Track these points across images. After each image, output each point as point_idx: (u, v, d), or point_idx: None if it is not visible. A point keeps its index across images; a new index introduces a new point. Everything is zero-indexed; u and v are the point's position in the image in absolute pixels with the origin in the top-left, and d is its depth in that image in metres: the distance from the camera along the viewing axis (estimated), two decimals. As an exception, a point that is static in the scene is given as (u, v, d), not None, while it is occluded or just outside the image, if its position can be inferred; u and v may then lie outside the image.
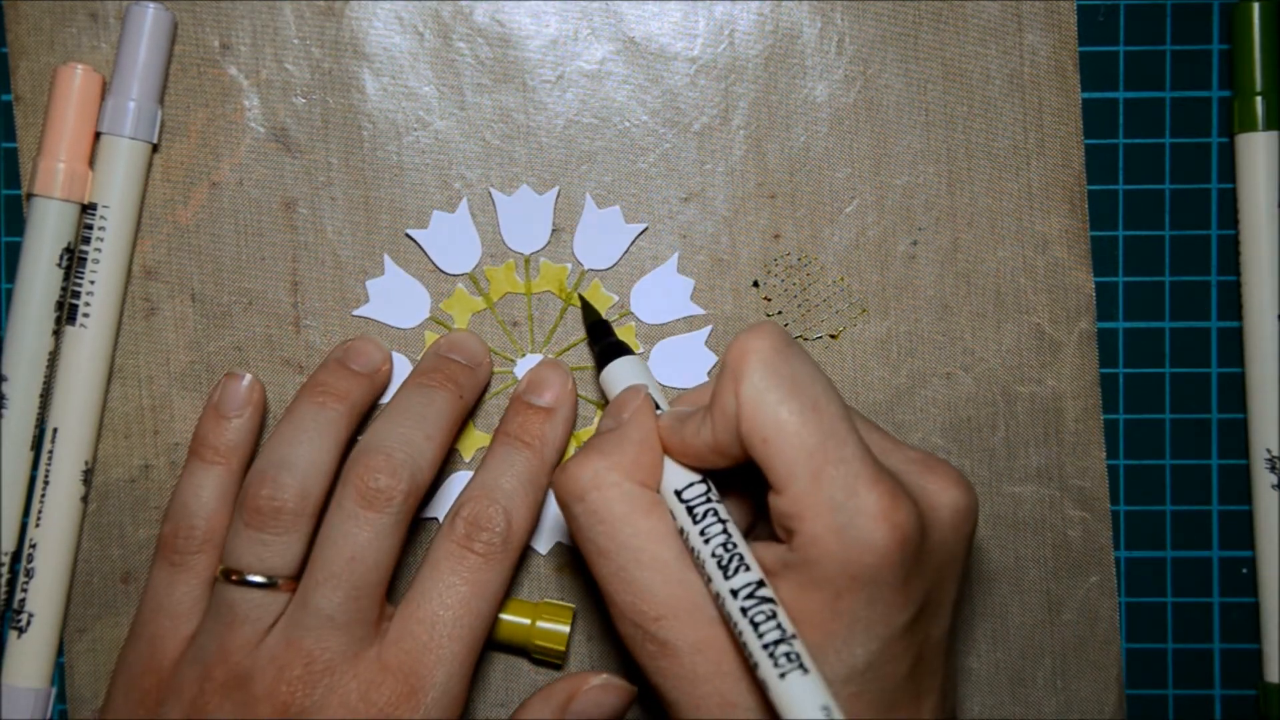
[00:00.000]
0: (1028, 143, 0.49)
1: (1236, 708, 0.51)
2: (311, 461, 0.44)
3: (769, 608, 0.37)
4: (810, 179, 0.49)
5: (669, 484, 0.41)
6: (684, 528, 0.40)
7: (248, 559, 0.44)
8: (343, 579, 0.43)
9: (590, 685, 0.46)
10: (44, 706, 0.49)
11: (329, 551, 0.43)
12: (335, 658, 0.43)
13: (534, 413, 0.47)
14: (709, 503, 0.40)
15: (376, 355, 0.48)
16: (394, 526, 0.44)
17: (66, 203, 0.48)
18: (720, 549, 0.39)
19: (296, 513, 0.44)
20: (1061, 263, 0.49)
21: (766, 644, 0.37)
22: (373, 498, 0.43)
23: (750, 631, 0.37)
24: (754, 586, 0.38)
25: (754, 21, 0.49)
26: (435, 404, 0.46)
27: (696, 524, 0.39)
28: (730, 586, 0.38)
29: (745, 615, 0.37)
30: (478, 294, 0.50)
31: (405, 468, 0.44)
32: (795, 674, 0.36)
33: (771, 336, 0.39)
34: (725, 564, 0.38)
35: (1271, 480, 0.49)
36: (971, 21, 0.49)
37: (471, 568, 0.44)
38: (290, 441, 0.45)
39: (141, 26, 0.48)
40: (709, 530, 0.39)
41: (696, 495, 0.40)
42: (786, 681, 0.36)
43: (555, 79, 0.49)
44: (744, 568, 0.38)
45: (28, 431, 0.48)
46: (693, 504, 0.40)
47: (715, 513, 0.40)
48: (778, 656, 0.36)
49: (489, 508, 0.44)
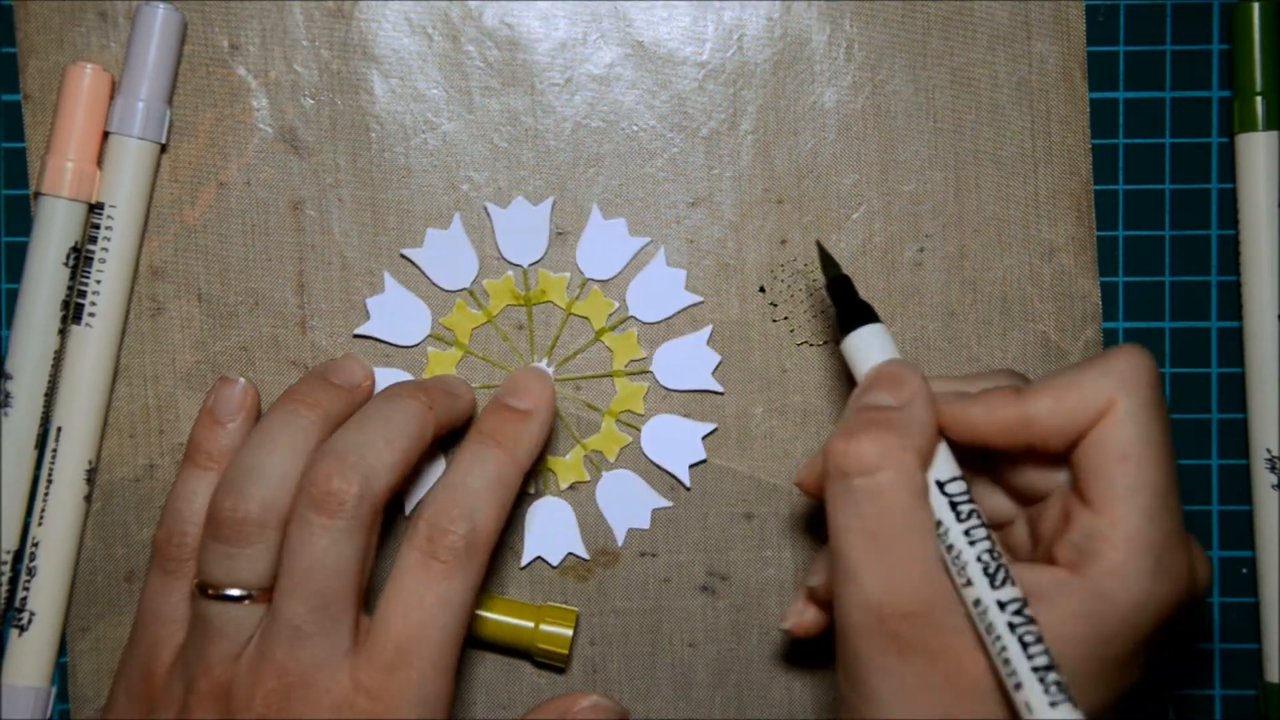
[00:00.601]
0: (1035, 150, 0.50)
1: (1236, 708, 0.51)
2: (277, 472, 0.43)
3: (1036, 629, 0.36)
4: (817, 185, 0.50)
5: (933, 474, 0.39)
6: (943, 522, 0.38)
7: (217, 573, 0.43)
8: (307, 588, 0.41)
9: (580, 706, 0.45)
10: (44, 706, 0.49)
11: (289, 561, 0.42)
12: (308, 669, 0.42)
13: (510, 414, 0.45)
14: (972, 503, 0.38)
15: (358, 371, 0.47)
16: (350, 530, 0.42)
17: (74, 202, 0.47)
18: (986, 555, 0.37)
19: (260, 524, 0.43)
20: (1068, 270, 0.50)
21: (1036, 668, 0.35)
22: (323, 501, 0.42)
23: (1018, 650, 0.35)
24: (1021, 604, 0.36)
25: (763, 26, 0.49)
26: (400, 411, 0.44)
27: (961, 522, 0.38)
28: (998, 598, 0.36)
29: (1013, 631, 0.36)
30: (477, 308, 0.50)
31: (356, 470, 0.42)
32: (1067, 707, 0.35)
33: (1155, 364, 0.38)
34: (992, 572, 0.37)
35: (1271, 480, 0.49)
36: (980, 28, 0.49)
37: (436, 577, 0.42)
38: (256, 450, 0.44)
39: (151, 26, 0.48)
40: (974, 533, 0.38)
41: (959, 491, 0.39)
42: (1057, 711, 0.35)
43: (563, 82, 0.49)
44: (1010, 581, 0.37)
45: (32, 430, 0.48)
46: (956, 500, 0.38)
47: (978, 514, 0.38)
48: (1049, 684, 0.35)
49: (451, 509, 0.42)
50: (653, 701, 0.50)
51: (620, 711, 0.45)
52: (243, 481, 0.43)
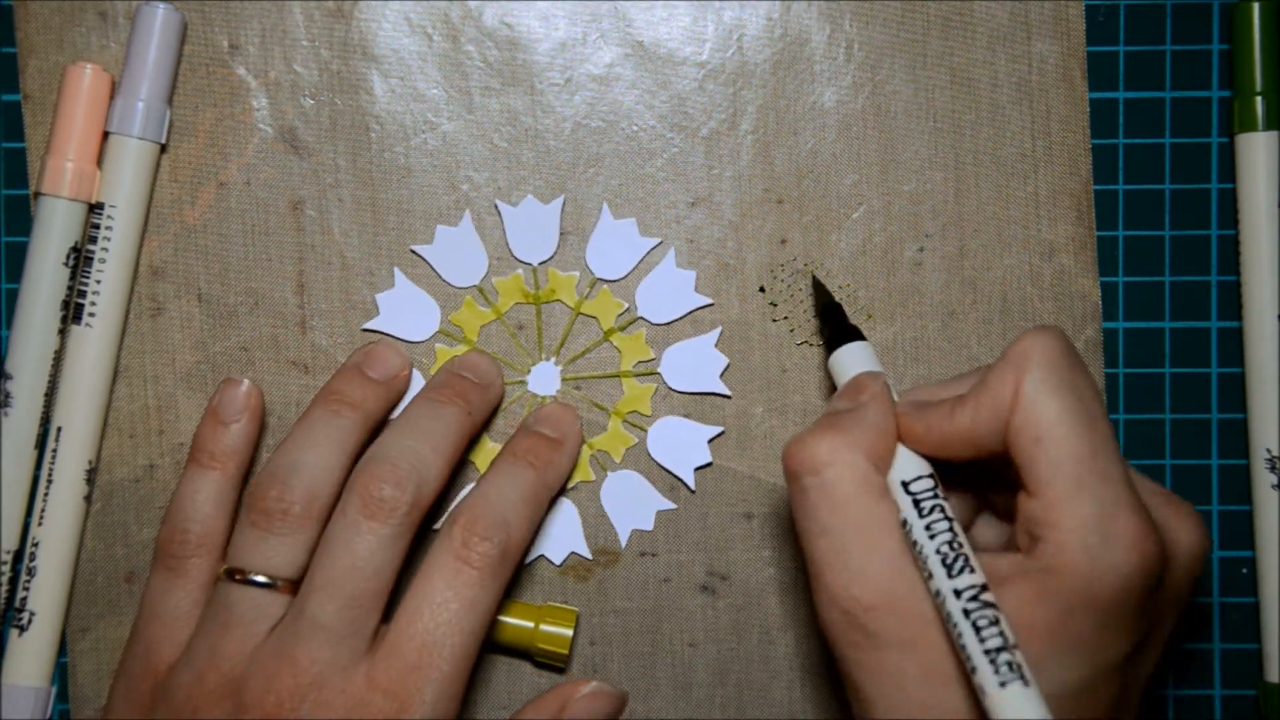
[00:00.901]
0: (1035, 150, 0.50)
1: (1236, 708, 0.51)
2: (321, 467, 0.44)
3: (992, 613, 0.36)
4: (817, 185, 0.50)
5: (897, 474, 0.40)
6: (908, 520, 0.39)
7: (251, 557, 0.44)
8: (340, 588, 0.42)
9: (581, 693, 0.45)
10: (44, 706, 0.49)
11: (328, 559, 0.43)
12: (325, 670, 0.42)
13: (542, 439, 0.47)
14: (936, 497, 0.39)
15: (395, 361, 0.48)
16: (395, 538, 0.43)
17: (74, 202, 0.47)
18: (945, 546, 0.38)
19: (303, 515, 0.44)
20: (1068, 270, 0.50)
21: (988, 650, 0.35)
22: (376, 508, 0.43)
23: (971, 635, 0.36)
24: (978, 590, 0.37)
25: (763, 26, 0.49)
26: (444, 419, 0.46)
27: (923, 518, 0.38)
28: (954, 586, 0.37)
29: (967, 617, 0.36)
30: (486, 305, 0.50)
31: (411, 479, 0.43)
32: (1016, 685, 0.35)
33: (1059, 340, 0.38)
34: (950, 562, 0.37)
35: (1271, 480, 0.49)
36: (980, 28, 0.49)
37: (465, 582, 0.43)
38: (301, 446, 0.45)
39: (151, 26, 0.48)
40: (935, 526, 0.38)
41: (924, 489, 0.39)
42: (1007, 691, 0.35)
43: (563, 82, 0.49)
44: (969, 569, 0.37)
45: (32, 430, 0.48)
46: (920, 497, 0.39)
47: (942, 509, 0.39)
48: (999, 664, 0.35)
49: (488, 517, 0.44)
50: (653, 701, 0.50)
51: (620, 697, 0.46)
52: (286, 475, 0.44)
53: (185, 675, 0.43)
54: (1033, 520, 0.37)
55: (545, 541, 0.50)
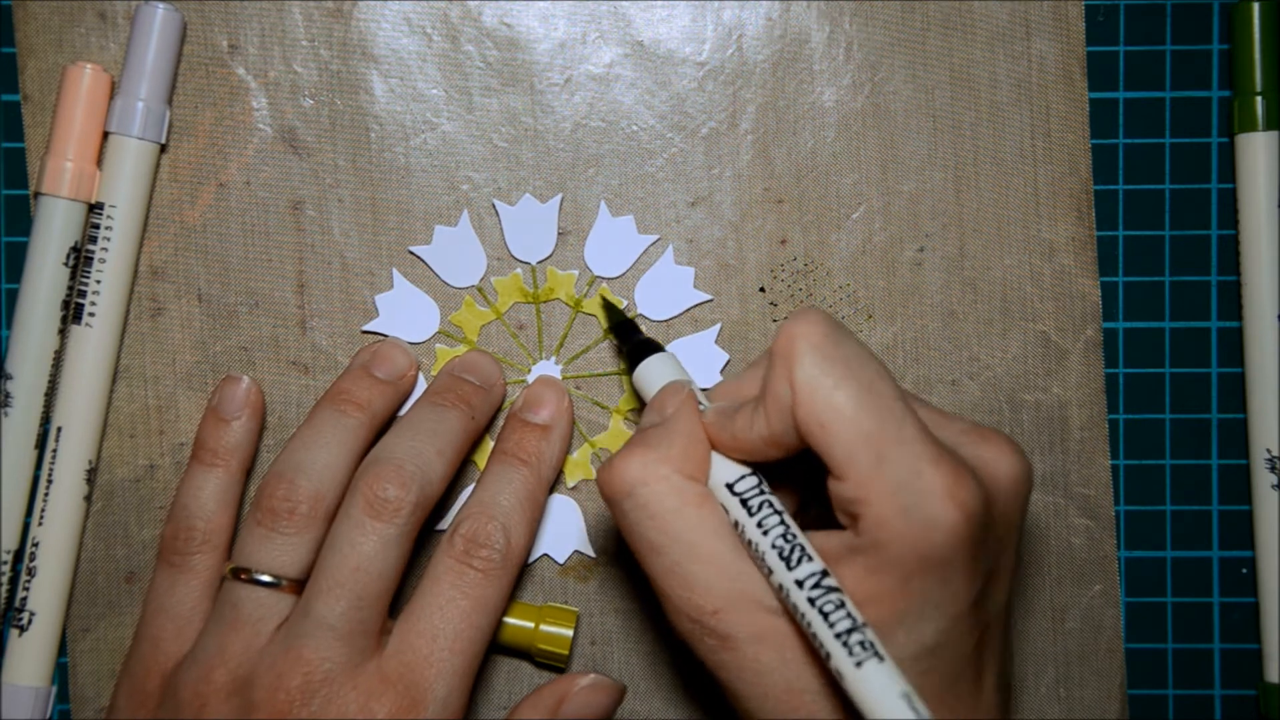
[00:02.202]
0: (1035, 149, 0.50)
1: (1236, 708, 0.51)
2: (328, 466, 0.45)
3: (836, 597, 0.37)
4: (817, 184, 0.50)
5: (719, 478, 0.40)
6: (739, 521, 0.39)
7: (257, 557, 0.44)
8: (346, 588, 0.43)
9: (580, 686, 0.45)
10: (44, 705, 0.49)
11: (334, 559, 0.43)
12: (335, 668, 0.42)
13: (530, 430, 0.47)
14: (762, 494, 0.39)
15: (402, 361, 0.48)
16: (400, 538, 0.44)
17: (74, 202, 0.47)
18: (780, 540, 0.38)
19: (309, 515, 0.44)
20: (1068, 270, 0.50)
21: (839, 633, 0.36)
22: (381, 508, 0.43)
23: (820, 622, 0.37)
24: (819, 576, 0.37)
25: (762, 26, 0.49)
26: (447, 422, 0.46)
27: (752, 516, 0.39)
28: (795, 577, 0.37)
29: (814, 605, 0.37)
30: (486, 305, 0.50)
31: (415, 480, 0.44)
32: (872, 662, 0.36)
33: (820, 321, 0.38)
34: (787, 555, 0.38)
35: (1271, 480, 0.49)
36: (979, 27, 0.49)
37: (471, 583, 0.44)
38: (308, 446, 0.45)
39: (150, 27, 0.48)
40: (766, 522, 0.39)
41: (749, 487, 0.40)
42: (863, 670, 0.35)
43: (563, 82, 0.49)
44: (807, 558, 0.38)
45: (32, 430, 0.48)
46: (746, 496, 0.39)
47: (770, 504, 0.39)
48: (852, 645, 0.36)
49: (488, 525, 0.44)
50: (653, 701, 0.50)
51: (619, 689, 0.46)
52: (293, 474, 0.44)
53: (192, 673, 0.43)
54: (846, 501, 0.38)
55: (548, 541, 0.50)
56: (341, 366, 0.49)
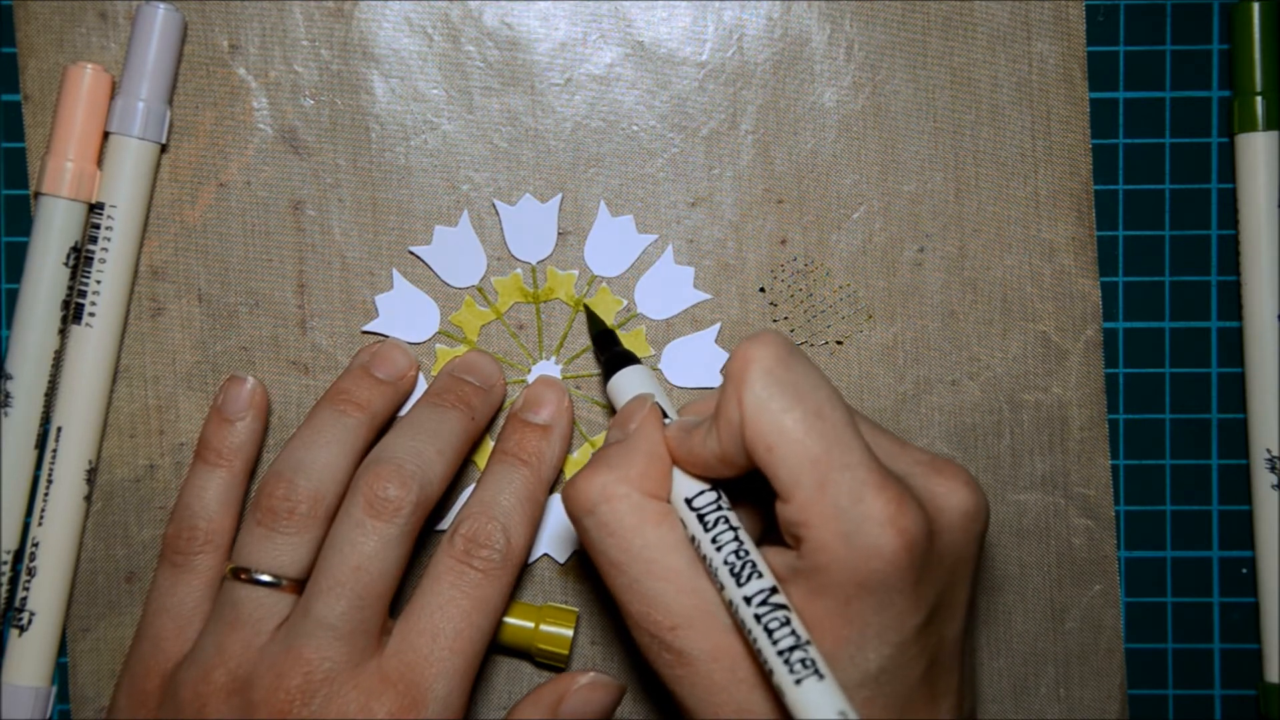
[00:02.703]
0: (1035, 150, 0.50)
1: (1236, 708, 0.51)
2: (327, 466, 0.45)
3: (783, 614, 0.37)
4: (817, 185, 0.50)
5: (679, 492, 0.41)
6: (695, 536, 0.40)
7: (257, 557, 0.44)
8: (346, 588, 0.43)
9: (579, 685, 0.46)
10: (44, 705, 0.49)
11: (334, 559, 0.43)
12: (335, 668, 0.42)
13: (530, 430, 0.47)
14: (719, 510, 0.40)
15: (402, 361, 0.48)
16: (400, 538, 0.44)
17: (74, 202, 0.47)
18: (732, 556, 0.39)
19: (309, 515, 0.44)
20: (1068, 270, 0.50)
21: (781, 650, 0.37)
22: (381, 507, 0.43)
23: (765, 638, 0.37)
24: (767, 593, 0.38)
25: (763, 26, 0.49)
26: (448, 422, 0.46)
27: (708, 532, 0.39)
28: (743, 594, 0.38)
29: (759, 622, 0.37)
30: (486, 305, 0.50)
31: (415, 479, 0.44)
32: (811, 680, 0.36)
33: (773, 345, 0.38)
34: (738, 571, 0.38)
35: (1271, 480, 0.49)
36: (980, 28, 0.49)
37: (472, 583, 0.44)
38: (308, 445, 0.45)
39: (151, 27, 0.48)
40: (720, 538, 0.39)
41: (707, 504, 0.40)
42: (803, 688, 0.36)
43: (564, 82, 0.49)
44: (757, 574, 0.38)
45: (32, 430, 0.48)
46: (703, 512, 0.40)
47: (726, 520, 0.39)
48: (793, 663, 0.36)
49: (488, 525, 0.45)
50: (654, 701, 0.50)
51: (618, 688, 0.46)
52: (292, 474, 0.44)
53: (192, 673, 0.43)
54: (791, 523, 0.38)
55: (549, 541, 0.50)
56: (342, 366, 0.49)
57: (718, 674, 0.39)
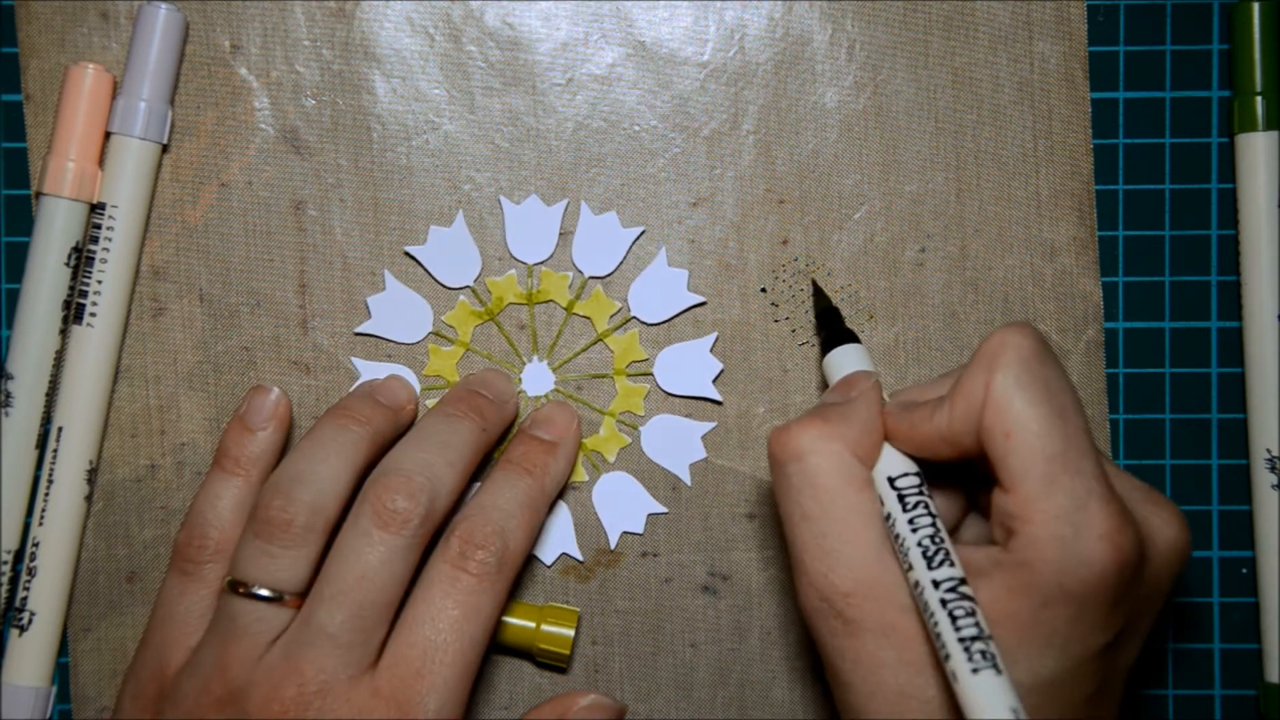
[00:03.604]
0: (1037, 150, 0.50)
1: (1236, 708, 0.51)
2: (328, 479, 0.44)
3: (969, 604, 0.37)
4: (819, 185, 0.50)
5: (883, 470, 0.41)
6: (892, 513, 0.39)
7: (254, 570, 0.43)
8: (349, 598, 0.42)
9: (580, 705, 0.45)
10: (44, 706, 0.49)
11: (338, 568, 0.43)
12: (330, 680, 0.42)
13: (538, 444, 0.47)
14: (921, 494, 0.40)
15: (402, 393, 0.48)
16: (407, 550, 0.43)
17: (75, 202, 0.47)
18: (927, 539, 0.38)
19: (307, 527, 0.44)
20: (1069, 271, 0.50)
21: (963, 638, 0.36)
22: (389, 519, 0.43)
23: (948, 623, 0.37)
24: (956, 582, 0.37)
25: (764, 27, 0.49)
26: (459, 434, 0.46)
27: (906, 512, 0.39)
28: (933, 577, 0.37)
29: (944, 607, 0.37)
30: (480, 305, 0.50)
31: (424, 492, 0.43)
32: (989, 672, 0.35)
33: (1032, 336, 0.38)
34: (930, 555, 0.38)
35: (1271, 480, 0.49)
36: (982, 29, 0.49)
37: (464, 590, 0.43)
38: (308, 457, 0.45)
39: (153, 27, 0.48)
40: (918, 521, 0.39)
41: (910, 485, 0.40)
42: (979, 678, 0.35)
43: (565, 82, 0.50)
44: (949, 562, 0.38)
45: (33, 430, 0.48)
46: (905, 492, 0.40)
47: (927, 505, 0.39)
48: (973, 652, 0.36)
49: (485, 527, 0.44)
50: (654, 702, 0.50)
51: (619, 710, 0.46)
52: (291, 485, 0.44)
53: (190, 683, 0.43)
54: (1007, 515, 0.38)
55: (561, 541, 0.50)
56: (343, 366, 0.49)
57: (885, 652, 0.39)
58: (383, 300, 0.49)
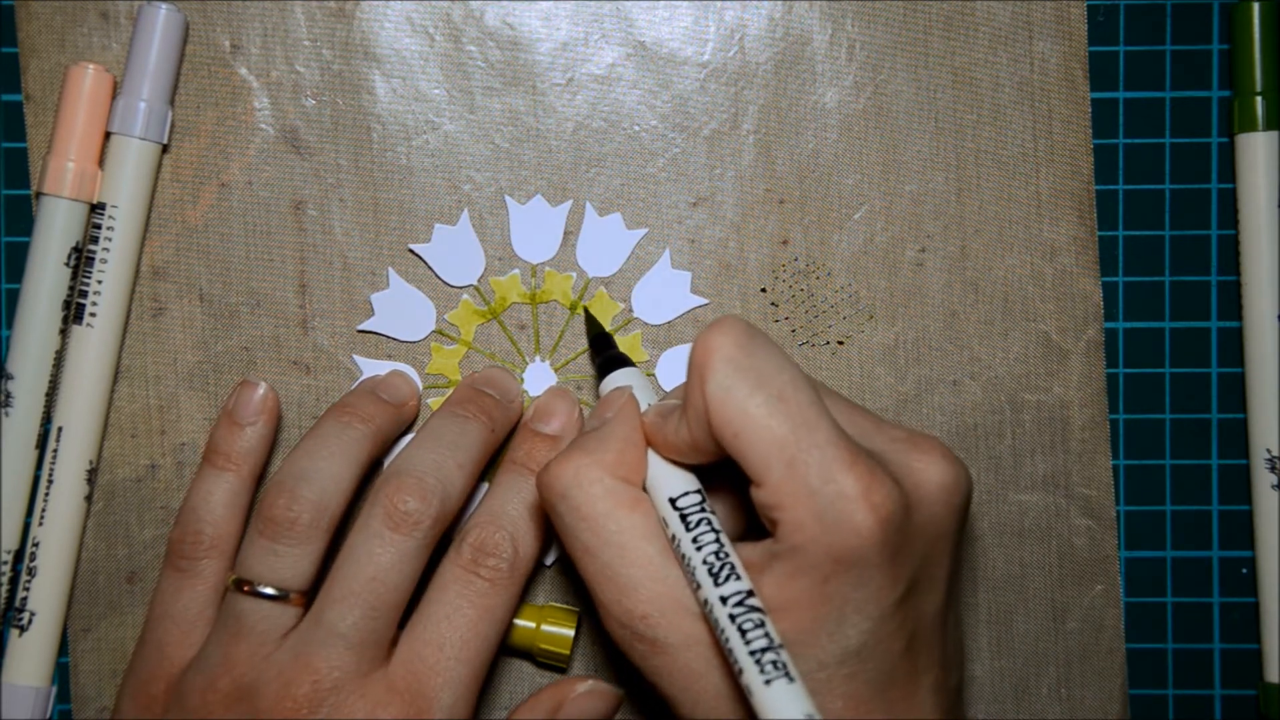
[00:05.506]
0: (1037, 150, 0.50)
1: (1236, 708, 0.51)
2: (331, 477, 0.45)
3: (757, 616, 0.37)
4: (819, 185, 0.50)
5: (663, 491, 0.41)
6: (676, 534, 0.40)
7: (259, 569, 0.44)
8: (361, 598, 0.43)
9: (577, 692, 0.45)
10: (44, 706, 0.49)
11: (349, 569, 0.43)
12: (343, 677, 0.42)
13: (541, 440, 0.47)
14: (703, 512, 0.40)
15: (405, 389, 0.49)
16: (418, 551, 0.44)
17: (75, 202, 0.47)
18: (712, 556, 0.39)
19: (311, 525, 0.44)
20: (1069, 271, 0.50)
21: (753, 651, 0.37)
22: (400, 520, 0.43)
23: (738, 638, 0.37)
24: (743, 595, 0.38)
25: (764, 27, 0.49)
26: (468, 434, 0.46)
27: (689, 531, 0.39)
28: (720, 594, 0.38)
29: (733, 622, 0.37)
30: (483, 304, 0.50)
31: (435, 493, 0.44)
32: (781, 681, 0.36)
33: (733, 331, 0.39)
34: (716, 571, 0.38)
35: (1271, 480, 0.49)
36: (982, 28, 0.49)
37: (478, 592, 0.44)
38: (312, 455, 0.45)
39: (153, 27, 0.48)
40: (701, 538, 0.39)
41: (691, 504, 0.40)
42: (772, 688, 0.36)
43: (565, 82, 0.50)
44: (734, 576, 0.38)
45: (33, 430, 0.48)
46: (686, 512, 0.40)
47: (709, 522, 0.40)
48: (764, 664, 0.36)
49: (496, 534, 0.44)
50: (655, 702, 0.50)
51: (616, 696, 0.46)
52: (295, 484, 0.44)
53: (198, 680, 0.43)
54: (766, 507, 0.38)
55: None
56: (343, 366, 0.49)
57: (694, 662, 0.39)
58: (386, 298, 0.50)
